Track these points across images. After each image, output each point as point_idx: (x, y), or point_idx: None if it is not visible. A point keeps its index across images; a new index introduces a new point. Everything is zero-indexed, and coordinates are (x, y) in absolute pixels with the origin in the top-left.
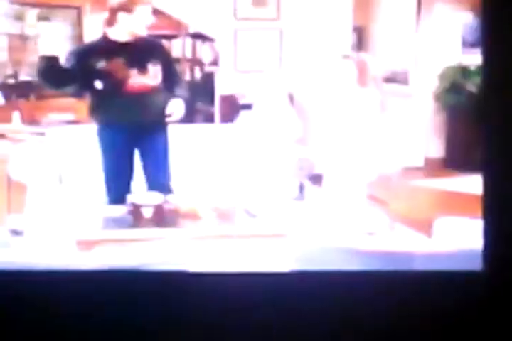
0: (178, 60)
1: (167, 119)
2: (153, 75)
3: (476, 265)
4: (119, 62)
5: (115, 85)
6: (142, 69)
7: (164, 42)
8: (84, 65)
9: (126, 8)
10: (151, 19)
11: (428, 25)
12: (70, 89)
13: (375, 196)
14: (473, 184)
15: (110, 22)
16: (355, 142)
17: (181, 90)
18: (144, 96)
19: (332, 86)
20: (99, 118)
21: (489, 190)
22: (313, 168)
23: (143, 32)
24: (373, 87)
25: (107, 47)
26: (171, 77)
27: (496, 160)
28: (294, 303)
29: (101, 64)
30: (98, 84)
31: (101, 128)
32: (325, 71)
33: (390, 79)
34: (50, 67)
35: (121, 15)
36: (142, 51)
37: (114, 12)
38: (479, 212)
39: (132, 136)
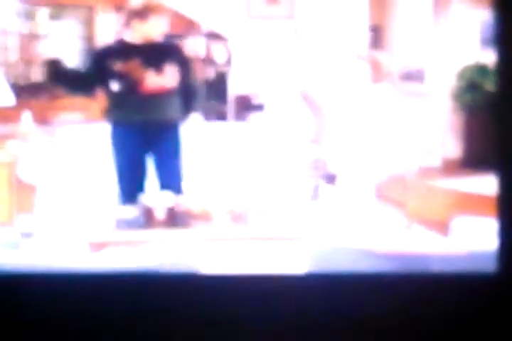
0: (191, 60)
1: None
2: (169, 76)
3: (492, 266)
4: (135, 63)
5: (131, 85)
6: (159, 70)
7: (176, 41)
8: (102, 66)
9: (140, 15)
10: (166, 28)
11: (445, 23)
12: (82, 89)
13: (392, 196)
14: (490, 184)
15: (126, 25)
16: (371, 141)
17: (197, 92)
18: (159, 97)
19: (346, 85)
20: (114, 118)
21: (504, 191)
22: (328, 168)
23: (158, 38)
24: (388, 85)
25: (123, 49)
26: (187, 79)
27: (511, 161)
28: (308, 305)
29: (118, 65)
30: (114, 85)
31: (114, 128)
32: (339, 70)
33: (406, 78)
34: (54, 71)
35: (135, 23)
36: (159, 52)
37: (129, 17)
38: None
39: (145, 136)
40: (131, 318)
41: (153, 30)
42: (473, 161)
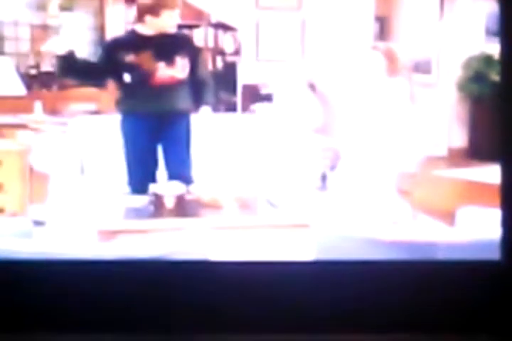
0: (201, 51)
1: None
2: (180, 68)
3: (496, 255)
4: (147, 55)
5: (143, 77)
6: (170, 62)
7: (186, 32)
8: (113, 58)
9: (152, 11)
10: (178, 20)
11: (451, 14)
12: (93, 80)
13: (398, 186)
14: (496, 174)
15: (138, 20)
16: (380, 132)
17: (207, 83)
18: (170, 88)
19: (358, 76)
20: (125, 108)
21: (508, 180)
22: (337, 158)
23: (172, 30)
24: (402, 77)
25: (135, 41)
26: (198, 71)
27: None
28: (316, 292)
29: (129, 57)
30: (126, 77)
31: (125, 118)
32: (349, 61)
33: (413, 69)
34: (68, 65)
35: (148, 18)
36: (170, 44)
37: (141, 13)
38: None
39: (155, 126)
40: (141, 306)
41: (166, 23)
42: (479, 151)
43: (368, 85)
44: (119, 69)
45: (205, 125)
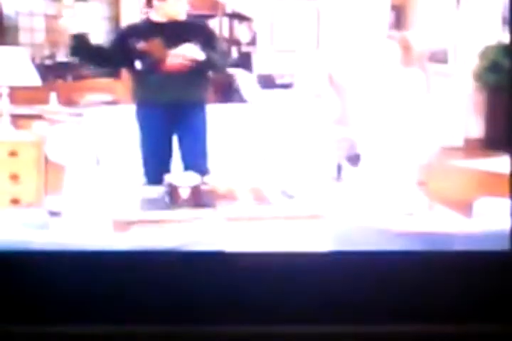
0: (216, 37)
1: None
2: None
3: (507, 245)
4: (157, 42)
5: (153, 65)
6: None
7: (202, 20)
8: (125, 45)
9: None
10: (187, 6)
11: (468, 3)
12: (105, 66)
13: (414, 176)
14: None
15: (147, 5)
16: (396, 123)
17: (223, 70)
18: (181, 75)
19: (373, 66)
20: (138, 97)
21: None
22: (353, 149)
23: (181, 17)
24: (418, 66)
25: (147, 28)
26: (212, 57)
27: None
28: (330, 284)
29: (140, 44)
30: (137, 65)
31: (140, 108)
32: (364, 50)
33: (429, 58)
34: (79, 45)
35: (156, 2)
36: (182, 31)
37: None
38: None
39: (170, 116)
40: (156, 296)
41: (173, 8)
42: (495, 141)
43: (384, 75)
44: (131, 56)
45: (221, 115)
